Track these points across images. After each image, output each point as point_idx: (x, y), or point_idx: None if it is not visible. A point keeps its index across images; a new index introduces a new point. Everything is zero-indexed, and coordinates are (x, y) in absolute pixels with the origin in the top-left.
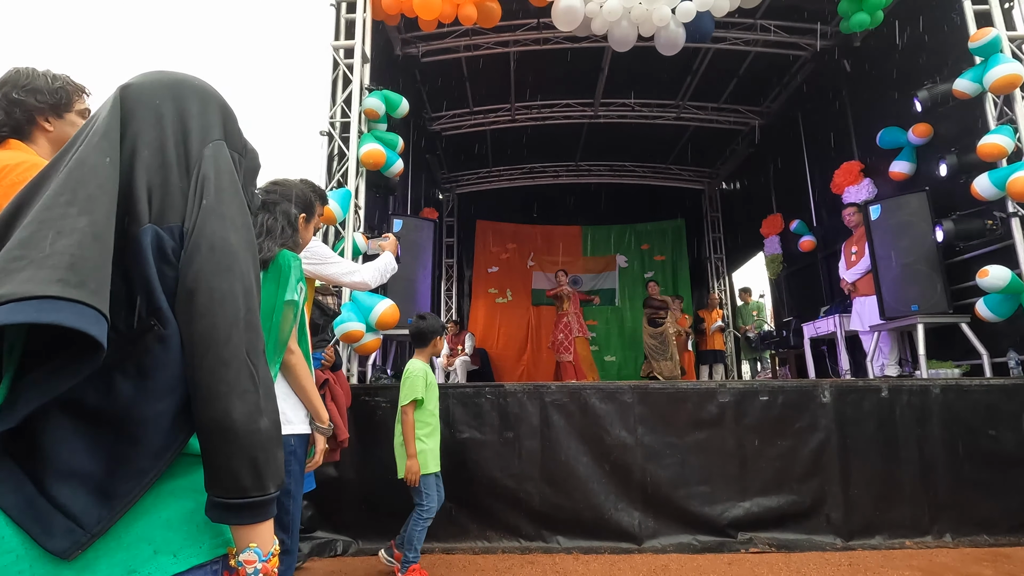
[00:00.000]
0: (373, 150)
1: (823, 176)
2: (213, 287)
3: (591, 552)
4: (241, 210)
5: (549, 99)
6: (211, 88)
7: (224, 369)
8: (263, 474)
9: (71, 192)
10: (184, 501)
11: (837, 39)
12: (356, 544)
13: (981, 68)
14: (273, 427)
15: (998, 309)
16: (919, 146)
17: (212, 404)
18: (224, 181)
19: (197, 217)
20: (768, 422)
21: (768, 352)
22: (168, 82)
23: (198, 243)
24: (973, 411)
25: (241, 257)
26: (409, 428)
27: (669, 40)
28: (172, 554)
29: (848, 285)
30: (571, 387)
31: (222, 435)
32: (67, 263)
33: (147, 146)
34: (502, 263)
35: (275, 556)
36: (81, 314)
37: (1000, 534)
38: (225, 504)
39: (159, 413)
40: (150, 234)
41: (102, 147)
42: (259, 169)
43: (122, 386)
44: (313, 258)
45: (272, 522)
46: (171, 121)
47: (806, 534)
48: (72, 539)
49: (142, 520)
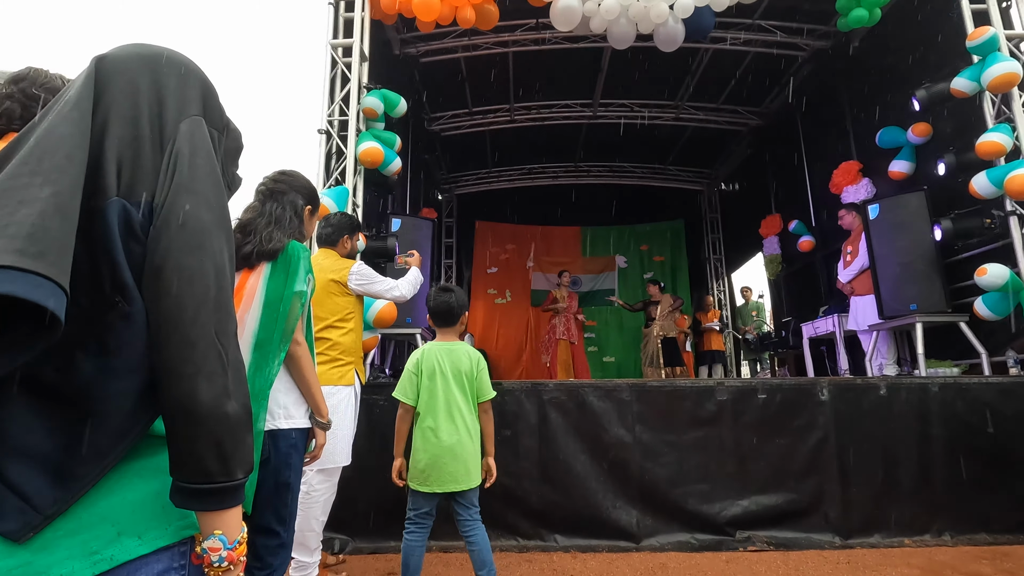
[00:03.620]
0: (371, 148)
1: (822, 176)
2: (182, 265)
3: (589, 550)
4: (216, 188)
5: (548, 100)
6: (191, 62)
7: (190, 350)
8: (229, 459)
9: (36, 162)
10: (150, 482)
11: (835, 39)
12: (353, 543)
13: (979, 67)
14: (242, 411)
15: (996, 307)
16: (918, 145)
17: (177, 385)
18: (199, 158)
19: (168, 193)
20: (766, 420)
21: (767, 353)
22: (146, 55)
23: (168, 219)
24: (972, 409)
25: (213, 235)
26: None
27: (668, 36)
28: (137, 536)
29: (845, 285)
30: (569, 385)
31: (186, 417)
32: (26, 233)
33: (120, 118)
34: (501, 264)
35: (242, 544)
36: (38, 286)
37: (999, 532)
38: (189, 489)
39: (121, 393)
40: (117, 208)
41: (72, 117)
42: (241, 149)
43: (83, 364)
44: (362, 279)
45: (240, 509)
46: (147, 94)
47: (804, 532)
48: (24, 520)
49: (105, 501)
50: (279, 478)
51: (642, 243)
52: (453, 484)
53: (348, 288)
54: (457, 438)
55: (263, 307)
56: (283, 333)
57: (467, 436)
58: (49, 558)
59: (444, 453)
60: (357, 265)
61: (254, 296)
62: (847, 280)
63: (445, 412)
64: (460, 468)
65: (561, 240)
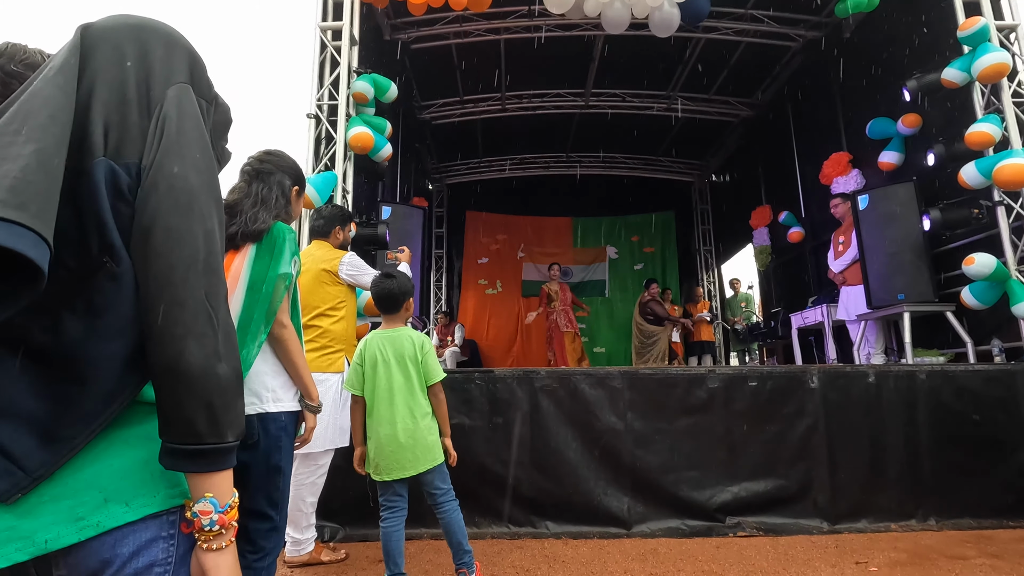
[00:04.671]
0: (361, 133)
1: (812, 167)
2: (171, 226)
3: (580, 537)
4: (204, 152)
5: (540, 89)
6: (178, 33)
7: (180, 310)
8: (220, 421)
9: (20, 121)
10: (138, 450)
11: (827, 30)
12: (344, 531)
13: (969, 57)
14: (233, 373)
15: (983, 296)
16: (908, 136)
17: (166, 346)
18: (187, 123)
19: (156, 155)
20: (756, 408)
21: (756, 343)
22: (132, 24)
23: (156, 181)
24: (958, 397)
25: (202, 198)
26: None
27: (663, 21)
28: (124, 503)
29: (837, 275)
30: (561, 373)
31: (176, 378)
32: (7, 185)
33: (106, 84)
34: (492, 254)
35: (233, 508)
36: (19, 235)
37: (983, 517)
38: (179, 450)
39: (109, 354)
40: (103, 167)
41: (56, 81)
42: (230, 123)
43: (70, 325)
44: (353, 269)
45: (231, 473)
46: (133, 61)
47: (793, 518)
48: (11, 481)
49: (92, 467)
50: (270, 462)
51: (633, 234)
52: (400, 471)
53: (339, 277)
54: (400, 426)
55: (247, 289)
56: (265, 315)
57: (412, 422)
58: (34, 522)
59: (387, 442)
60: (349, 256)
61: (239, 278)
62: (839, 270)
63: (387, 401)
64: (406, 455)
65: (552, 231)
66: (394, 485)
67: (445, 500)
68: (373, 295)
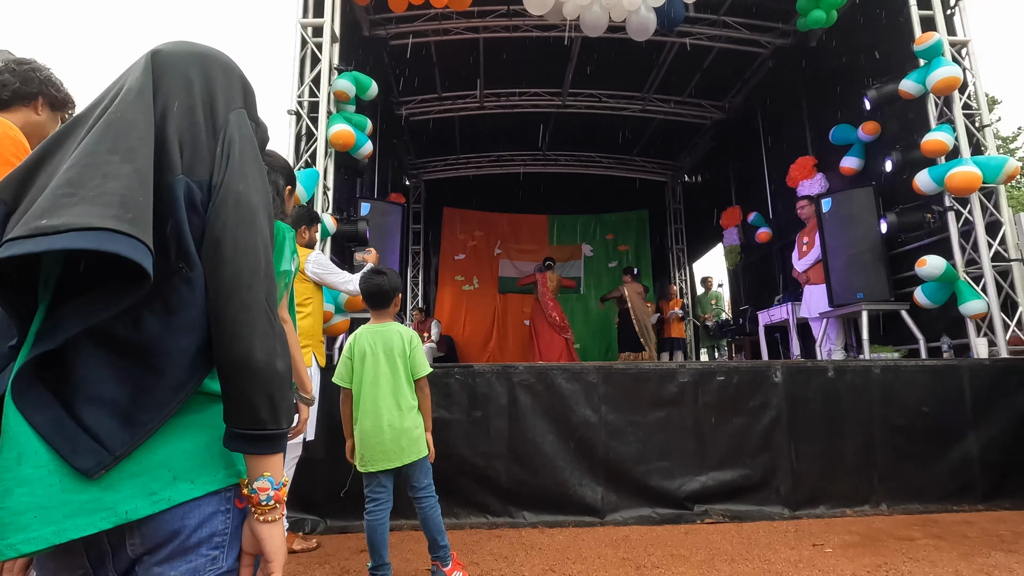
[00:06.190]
0: (342, 131)
1: (780, 170)
2: (238, 238)
3: (556, 526)
4: (260, 173)
5: (518, 87)
6: (233, 62)
7: (247, 312)
8: (278, 409)
9: (111, 142)
10: (200, 435)
11: (795, 38)
12: (324, 523)
13: (924, 70)
14: (287, 369)
15: (934, 296)
16: (868, 143)
17: (236, 343)
18: (246, 145)
19: (225, 174)
20: (724, 401)
21: (725, 340)
22: (196, 52)
23: (225, 198)
24: (909, 390)
25: (261, 214)
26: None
27: (640, 25)
28: (190, 480)
29: (800, 274)
30: (538, 368)
31: (244, 372)
32: (118, 202)
33: (178, 107)
34: (469, 251)
35: (285, 485)
36: (135, 247)
37: (930, 502)
38: (244, 435)
39: (182, 349)
40: (183, 184)
41: (138, 104)
42: (267, 142)
43: (149, 321)
44: (319, 267)
45: (282, 456)
46: (199, 87)
47: (757, 505)
48: (97, 459)
49: (162, 449)
50: None
51: (608, 232)
52: (385, 462)
53: (306, 275)
54: (386, 418)
55: None
56: None
57: (399, 415)
58: (116, 495)
59: (373, 433)
60: (315, 254)
61: None
62: (803, 270)
63: (374, 393)
64: (391, 446)
65: (529, 228)
66: (379, 476)
67: (426, 495)
68: (363, 291)
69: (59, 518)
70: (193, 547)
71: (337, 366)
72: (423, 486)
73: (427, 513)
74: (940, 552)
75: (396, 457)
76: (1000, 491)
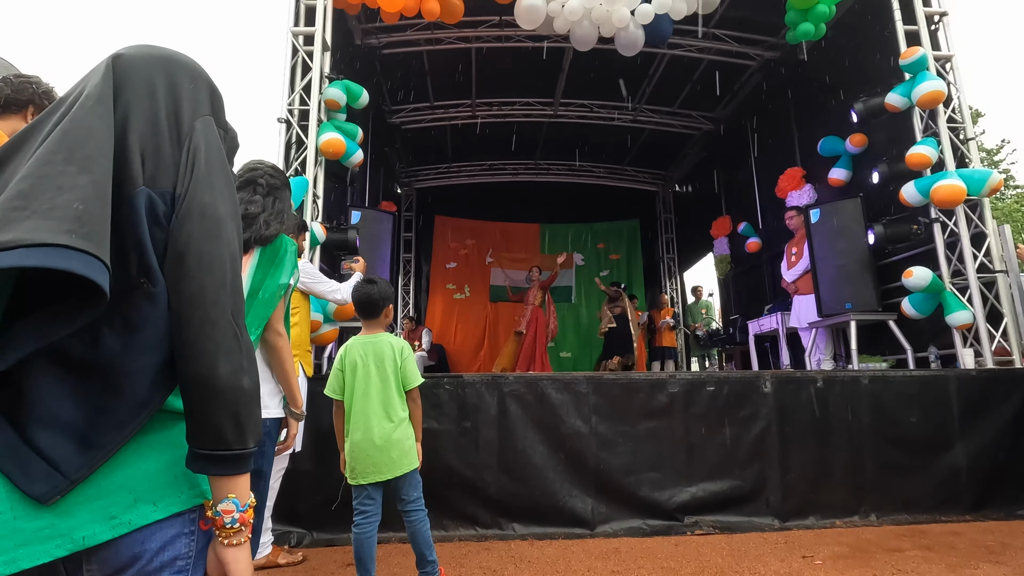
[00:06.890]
0: (333, 139)
1: (769, 181)
2: (203, 251)
3: (546, 538)
4: (228, 182)
5: (510, 97)
6: (200, 66)
7: (211, 328)
8: (244, 429)
9: (67, 151)
10: (163, 454)
11: (784, 51)
12: (311, 536)
13: (910, 84)
14: (254, 386)
15: (921, 307)
16: (855, 155)
17: (199, 361)
18: (213, 154)
19: (189, 185)
20: (714, 411)
21: (715, 349)
22: (160, 56)
23: (189, 209)
24: (897, 400)
25: (227, 225)
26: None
27: (629, 41)
28: (152, 503)
29: (789, 285)
30: (529, 378)
31: (207, 390)
32: (73, 216)
33: (140, 115)
34: (460, 259)
35: (251, 508)
36: (90, 264)
37: (919, 512)
38: (208, 456)
39: (143, 367)
40: (144, 196)
41: (97, 111)
42: (238, 149)
43: (108, 339)
44: (306, 276)
45: (249, 476)
46: (163, 93)
47: (747, 516)
48: (51, 484)
49: (122, 470)
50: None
51: (599, 241)
52: (376, 474)
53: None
54: (376, 430)
55: (247, 294)
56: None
57: (390, 426)
58: (72, 521)
59: (363, 445)
60: (302, 262)
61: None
62: (792, 280)
63: (364, 404)
64: (383, 458)
65: (520, 237)
66: (368, 489)
67: (415, 509)
68: (354, 300)
69: (10, 547)
70: (155, 572)
71: (328, 378)
72: (412, 499)
73: (416, 527)
74: (929, 564)
75: (387, 469)
76: (987, 501)
